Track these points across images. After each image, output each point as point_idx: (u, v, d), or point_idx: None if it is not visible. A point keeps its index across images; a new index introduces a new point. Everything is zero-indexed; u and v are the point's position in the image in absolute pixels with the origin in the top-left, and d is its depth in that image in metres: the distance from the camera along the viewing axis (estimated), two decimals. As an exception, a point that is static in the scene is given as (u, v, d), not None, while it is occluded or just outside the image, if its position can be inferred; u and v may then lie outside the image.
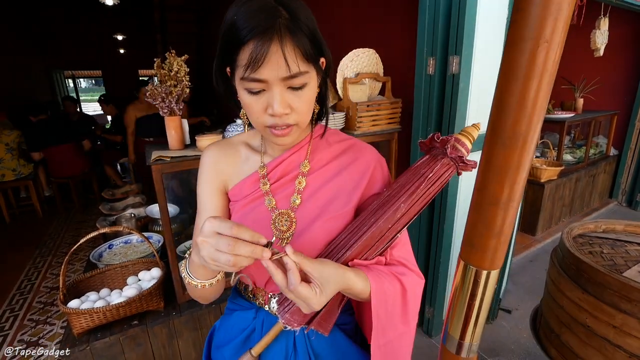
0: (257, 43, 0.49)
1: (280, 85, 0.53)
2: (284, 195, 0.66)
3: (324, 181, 0.66)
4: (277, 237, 0.63)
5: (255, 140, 0.72)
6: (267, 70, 0.50)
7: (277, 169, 0.67)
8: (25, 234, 3.68)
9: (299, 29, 0.51)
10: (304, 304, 0.47)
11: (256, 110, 0.56)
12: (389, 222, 0.54)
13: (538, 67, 0.23)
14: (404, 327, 0.60)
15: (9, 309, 2.42)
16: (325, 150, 0.69)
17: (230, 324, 0.74)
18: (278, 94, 0.53)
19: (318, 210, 0.64)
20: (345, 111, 1.62)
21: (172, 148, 1.39)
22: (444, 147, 0.55)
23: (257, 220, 0.65)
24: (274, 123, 0.56)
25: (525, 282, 2.45)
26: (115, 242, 1.71)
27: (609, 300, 0.94)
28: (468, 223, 0.33)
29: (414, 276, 0.62)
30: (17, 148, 3.75)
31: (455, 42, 1.42)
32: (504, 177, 0.27)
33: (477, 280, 0.32)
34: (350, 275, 0.52)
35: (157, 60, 1.33)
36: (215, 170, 0.69)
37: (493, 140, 0.27)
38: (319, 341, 0.67)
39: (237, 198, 0.68)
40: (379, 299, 0.55)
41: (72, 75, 8.37)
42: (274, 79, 0.51)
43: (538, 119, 0.25)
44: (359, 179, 0.66)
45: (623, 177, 3.74)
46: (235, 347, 0.70)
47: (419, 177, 0.55)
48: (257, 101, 0.55)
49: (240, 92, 0.56)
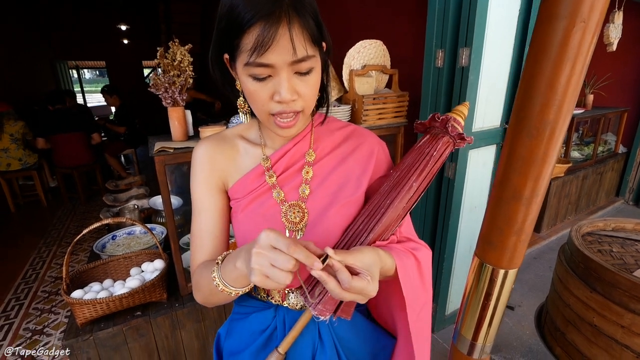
0: (264, 26, 0.46)
1: (288, 70, 0.50)
2: (292, 187, 0.64)
3: (330, 169, 0.65)
4: (289, 229, 0.62)
5: (251, 133, 0.69)
6: (275, 54, 0.48)
7: (281, 161, 0.65)
8: (30, 223, 3.71)
9: (305, 11, 0.49)
10: (360, 296, 0.47)
11: (262, 97, 0.53)
12: (404, 201, 0.56)
13: (572, 48, 0.21)
14: (426, 297, 0.60)
15: (14, 297, 2.45)
16: (328, 138, 0.67)
17: (244, 328, 0.71)
18: (285, 79, 0.51)
19: (329, 198, 0.63)
20: (351, 104, 1.59)
21: (175, 139, 1.37)
22: (444, 126, 0.57)
23: (267, 215, 0.63)
24: (281, 110, 0.53)
25: (529, 279, 2.44)
26: (118, 233, 1.71)
27: (618, 300, 0.93)
28: (486, 219, 0.31)
29: (424, 249, 0.63)
30: (22, 138, 3.77)
31: (466, 33, 1.39)
32: (528, 170, 0.25)
33: (494, 280, 0.30)
34: (382, 253, 0.53)
35: (160, 49, 1.30)
36: (211, 168, 0.66)
37: (518, 130, 0.25)
38: (341, 326, 0.67)
39: (240, 195, 0.65)
40: (404, 274, 0.55)
41: (75, 65, 8.36)
42: (281, 63, 0.49)
43: (569, 107, 0.23)
44: (365, 163, 0.65)
45: (631, 176, 3.68)
46: (256, 351, 0.67)
47: (424, 156, 0.57)
48: (263, 88, 0.52)
49: (243, 79, 0.53)
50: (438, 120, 0.58)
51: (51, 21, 6.69)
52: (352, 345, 0.68)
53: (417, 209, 1.82)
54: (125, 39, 7.90)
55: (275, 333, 0.67)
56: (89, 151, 4.02)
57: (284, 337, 0.61)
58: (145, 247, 1.60)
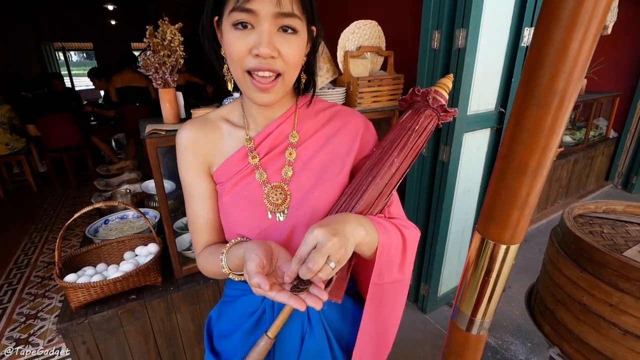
0: None
1: (271, 23, 0.50)
2: (276, 169, 0.64)
3: (314, 150, 0.65)
4: (271, 211, 0.62)
5: (234, 115, 0.68)
6: (260, 1, 0.48)
7: (265, 142, 0.64)
8: (20, 209, 3.66)
9: None
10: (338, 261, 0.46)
11: (239, 49, 0.51)
12: (385, 178, 0.55)
13: (586, 10, 0.20)
14: (399, 275, 0.60)
15: (6, 282, 2.43)
16: (312, 120, 0.67)
17: (234, 311, 0.71)
18: (266, 31, 0.50)
19: (313, 180, 0.62)
20: (346, 86, 1.56)
21: (166, 122, 1.34)
22: (425, 99, 0.57)
23: (249, 197, 0.63)
24: (258, 65, 0.52)
25: (518, 261, 2.49)
26: (111, 217, 1.69)
27: (607, 279, 0.95)
28: (489, 194, 0.30)
29: (413, 229, 0.63)
30: (8, 122, 3.66)
31: (463, 14, 1.36)
32: (535, 141, 0.24)
33: (495, 255, 0.30)
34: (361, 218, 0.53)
35: (149, 28, 1.26)
36: (195, 152, 0.65)
37: (525, 99, 0.24)
38: (330, 310, 0.68)
39: (224, 178, 0.64)
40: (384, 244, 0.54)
41: (62, 47, 8.07)
42: (265, 13, 0.49)
43: (579, 75, 0.22)
44: (350, 143, 0.65)
45: (621, 160, 3.74)
46: (245, 333, 0.68)
47: (406, 131, 0.57)
48: (243, 39, 0.51)
49: (227, 31, 0.52)
50: (418, 93, 0.58)
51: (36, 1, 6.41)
52: (341, 328, 0.69)
53: (411, 192, 1.82)
54: (113, 20, 7.63)
55: (264, 316, 0.67)
56: (78, 132, 3.93)
57: (272, 321, 0.61)
58: (138, 231, 1.59)
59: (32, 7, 6.37)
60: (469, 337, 0.35)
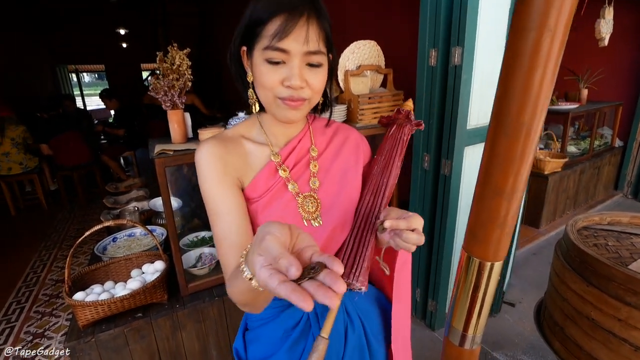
0: (287, 16, 0.53)
1: (301, 60, 0.57)
2: (304, 180, 0.69)
3: (330, 161, 0.73)
4: (306, 219, 0.67)
5: (252, 132, 0.71)
6: (293, 42, 0.54)
7: (290, 156, 0.70)
8: (31, 227, 3.72)
9: (323, 16, 0.57)
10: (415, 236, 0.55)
11: (272, 80, 0.58)
12: (393, 177, 0.71)
13: (542, 56, 0.22)
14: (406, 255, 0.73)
15: (15, 300, 2.46)
16: (322, 135, 0.75)
17: (274, 329, 0.72)
18: (297, 67, 0.57)
19: (336, 186, 0.71)
20: (347, 103, 1.60)
21: (174, 142, 1.38)
22: (407, 117, 0.75)
23: (285, 208, 0.67)
24: (289, 95, 0.59)
25: (529, 275, 2.45)
26: (119, 235, 1.73)
27: (614, 293, 0.94)
28: (471, 214, 0.32)
29: None
30: (23, 142, 3.79)
31: (458, 33, 1.40)
32: (508, 167, 0.26)
33: (481, 272, 0.32)
34: None
35: (159, 54, 1.32)
36: (224, 166, 0.63)
37: (497, 131, 0.26)
38: (361, 300, 0.75)
39: (257, 194, 0.65)
40: None
41: (75, 69, 8.37)
42: (296, 51, 0.55)
43: (542, 108, 0.24)
44: (355, 153, 0.76)
45: (629, 169, 3.70)
46: (290, 347, 0.69)
47: (398, 142, 0.73)
48: (275, 72, 0.57)
49: (259, 62, 0.58)
50: (402, 112, 0.75)
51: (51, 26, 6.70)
52: (370, 314, 0.75)
53: (415, 207, 1.83)
54: (124, 43, 7.92)
55: (309, 323, 0.70)
56: (88, 150, 4.04)
57: (317, 325, 0.67)
58: (145, 248, 1.61)
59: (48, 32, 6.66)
60: (463, 352, 0.36)
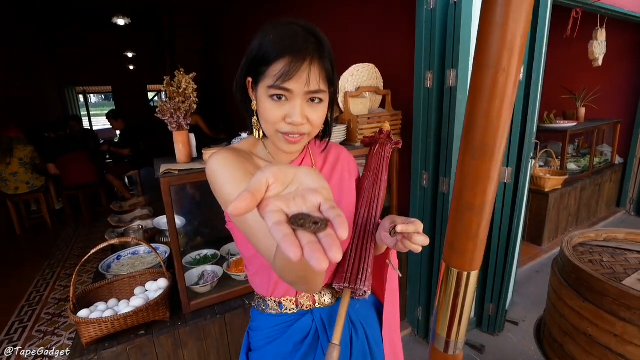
0: (291, 59, 0.57)
1: (302, 98, 0.61)
2: None
3: (328, 177, 0.78)
4: None
5: (258, 150, 0.75)
6: (295, 83, 0.58)
7: None
8: (35, 246, 3.75)
9: (325, 56, 0.61)
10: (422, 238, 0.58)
11: (274, 116, 0.62)
12: (384, 190, 0.80)
13: (499, 90, 0.26)
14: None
15: (18, 320, 2.46)
16: (319, 155, 0.81)
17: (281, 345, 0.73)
18: (299, 105, 0.60)
19: (337, 198, 0.75)
20: (347, 124, 1.66)
21: (179, 161, 1.43)
22: (388, 136, 0.86)
23: None
24: (290, 131, 0.62)
25: (531, 293, 2.43)
26: (123, 253, 1.75)
27: (609, 309, 0.95)
28: (449, 228, 0.36)
29: None
30: (31, 162, 3.87)
31: (452, 56, 1.47)
32: (476, 185, 0.30)
33: (459, 281, 0.35)
34: None
35: (166, 78, 1.39)
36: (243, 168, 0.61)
37: (465, 153, 0.30)
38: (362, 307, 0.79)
39: None
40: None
41: (83, 91, 8.62)
42: (299, 91, 0.59)
43: (503, 134, 0.28)
44: (348, 169, 0.82)
45: (630, 186, 3.71)
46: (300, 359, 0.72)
47: (382, 159, 0.83)
48: (278, 108, 0.61)
49: (263, 98, 0.62)
50: (384, 132, 0.87)
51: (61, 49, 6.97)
52: (370, 319, 0.79)
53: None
54: (131, 65, 8.18)
55: (317, 334, 0.73)
56: (94, 169, 4.13)
57: (325, 335, 0.70)
58: (149, 266, 1.63)
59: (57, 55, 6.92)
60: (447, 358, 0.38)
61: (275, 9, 3.77)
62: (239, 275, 1.54)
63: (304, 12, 3.21)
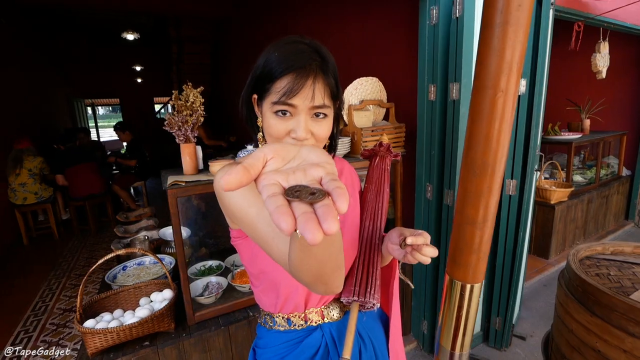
0: (295, 76, 0.59)
1: (306, 113, 0.62)
2: None
3: None
4: None
5: None
6: (299, 99, 0.60)
7: None
8: (41, 256, 3.78)
9: (329, 72, 0.63)
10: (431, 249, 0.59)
11: (279, 131, 0.63)
12: (387, 202, 0.81)
13: (498, 111, 0.28)
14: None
15: (23, 330, 2.46)
16: None
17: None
18: (303, 120, 0.61)
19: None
20: (351, 136, 1.68)
21: (186, 173, 1.46)
22: (387, 149, 0.87)
23: None
24: None
25: (539, 307, 2.39)
26: (129, 263, 1.76)
27: (617, 323, 0.94)
28: (451, 241, 0.37)
29: None
30: (39, 173, 3.94)
31: (455, 70, 1.49)
32: (478, 201, 0.31)
33: (463, 293, 0.35)
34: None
35: (174, 92, 1.42)
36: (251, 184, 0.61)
37: (467, 170, 0.31)
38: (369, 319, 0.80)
39: None
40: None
41: (91, 103, 8.81)
42: (303, 107, 0.61)
43: (502, 152, 0.29)
44: (351, 183, 0.83)
45: (638, 199, 3.67)
46: None
47: (383, 172, 0.85)
48: (282, 124, 0.62)
49: (268, 114, 0.63)
50: (383, 145, 0.88)
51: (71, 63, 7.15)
52: (376, 331, 0.80)
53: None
54: (139, 78, 8.36)
55: (327, 349, 0.73)
56: (101, 180, 4.19)
57: (335, 349, 0.70)
58: (154, 277, 1.64)
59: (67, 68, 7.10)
60: (452, 372, 0.39)
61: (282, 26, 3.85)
62: (243, 287, 1.54)
63: (311, 29, 3.29)
